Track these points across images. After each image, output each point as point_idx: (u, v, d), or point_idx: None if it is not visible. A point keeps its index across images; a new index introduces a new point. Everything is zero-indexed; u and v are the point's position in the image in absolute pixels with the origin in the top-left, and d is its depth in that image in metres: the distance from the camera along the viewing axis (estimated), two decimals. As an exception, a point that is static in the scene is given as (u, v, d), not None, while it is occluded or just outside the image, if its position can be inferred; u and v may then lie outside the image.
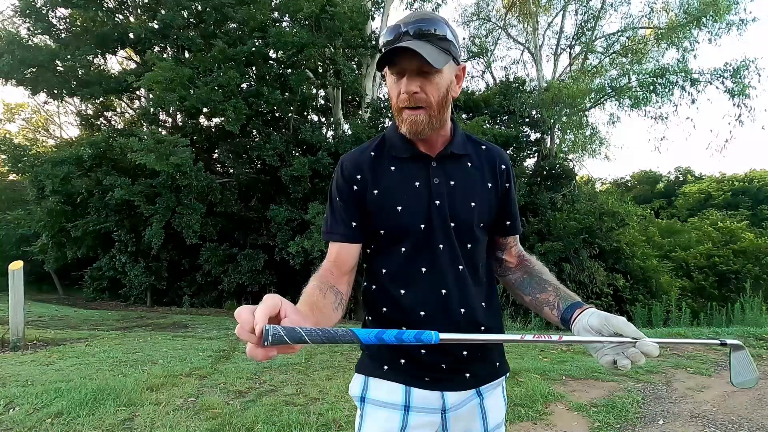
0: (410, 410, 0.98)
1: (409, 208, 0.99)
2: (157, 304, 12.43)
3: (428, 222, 0.98)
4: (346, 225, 1.03)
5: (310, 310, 0.83)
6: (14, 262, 5.03)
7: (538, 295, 1.00)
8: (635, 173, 37.34)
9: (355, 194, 1.02)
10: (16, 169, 13.69)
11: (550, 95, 12.60)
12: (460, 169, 1.03)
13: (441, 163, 1.02)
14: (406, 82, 0.90)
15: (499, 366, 1.06)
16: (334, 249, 1.03)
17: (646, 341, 0.76)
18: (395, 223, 0.99)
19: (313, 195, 11.19)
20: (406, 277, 0.99)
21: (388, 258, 1.01)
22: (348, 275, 1.02)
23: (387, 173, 1.02)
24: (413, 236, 0.98)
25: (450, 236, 0.99)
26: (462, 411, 1.01)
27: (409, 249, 0.99)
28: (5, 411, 2.79)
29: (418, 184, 1.00)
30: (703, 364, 4.10)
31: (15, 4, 12.38)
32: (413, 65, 0.89)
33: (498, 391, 1.07)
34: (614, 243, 12.98)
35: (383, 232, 1.01)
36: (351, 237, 1.02)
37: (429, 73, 0.90)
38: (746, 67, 12.00)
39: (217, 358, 4.46)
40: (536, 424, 2.81)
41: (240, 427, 2.63)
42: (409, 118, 0.93)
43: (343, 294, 0.99)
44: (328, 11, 10.57)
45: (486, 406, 1.03)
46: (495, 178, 1.05)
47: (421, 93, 0.91)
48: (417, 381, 0.98)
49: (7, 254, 14.99)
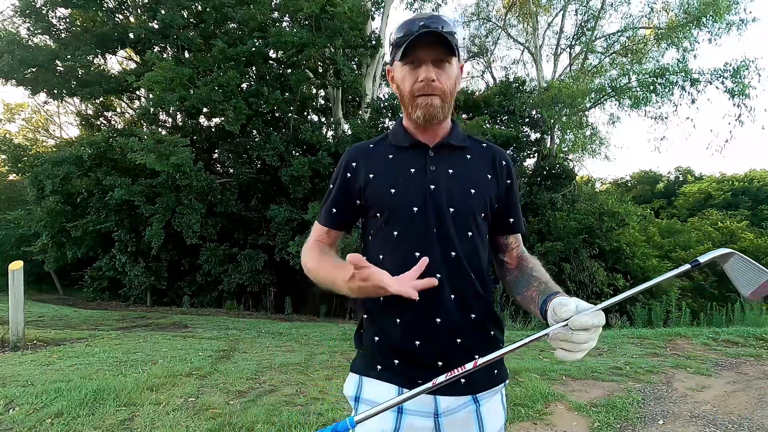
0: (403, 412, 0.98)
1: (403, 191, 1.01)
2: (157, 304, 12.42)
3: (422, 206, 0.99)
4: (327, 210, 1.11)
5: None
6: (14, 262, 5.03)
7: (525, 293, 1.00)
8: (635, 173, 37.38)
9: (346, 182, 1.08)
10: (16, 169, 13.68)
11: (550, 95, 12.59)
12: (459, 159, 1.05)
13: (439, 152, 1.04)
14: (425, 69, 0.96)
15: (497, 373, 1.04)
16: (318, 230, 1.13)
17: (577, 319, 0.72)
18: (388, 204, 1.01)
19: (313, 195, 11.18)
20: (401, 262, 0.98)
21: (384, 242, 1.03)
22: (333, 248, 1.13)
23: (384, 160, 1.06)
24: (406, 219, 1.00)
25: (446, 222, 0.99)
26: (456, 417, 0.99)
27: (401, 232, 1.00)
28: (5, 411, 2.79)
29: (414, 171, 1.03)
30: (703, 364, 4.11)
31: (15, 4, 12.37)
32: (431, 55, 0.96)
33: (496, 398, 1.04)
34: (614, 243, 12.97)
35: (379, 216, 1.03)
36: (329, 221, 1.10)
37: (443, 63, 0.97)
38: (746, 67, 11.98)
39: (217, 358, 4.47)
40: (536, 424, 2.81)
41: (240, 427, 2.63)
42: (425, 102, 0.98)
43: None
44: (328, 11, 10.56)
45: (483, 414, 1.00)
46: (495, 171, 1.06)
47: (436, 81, 0.97)
48: (410, 383, 0.97)
49: (7, 254, 15.01)
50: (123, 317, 9.21)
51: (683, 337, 5.22)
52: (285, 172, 10.95)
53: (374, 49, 12.81)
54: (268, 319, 10.01)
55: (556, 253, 11.34)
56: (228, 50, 10.81)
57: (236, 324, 8.11)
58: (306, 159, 10.91)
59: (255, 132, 12.83)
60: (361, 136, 10.88)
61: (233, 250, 11.73)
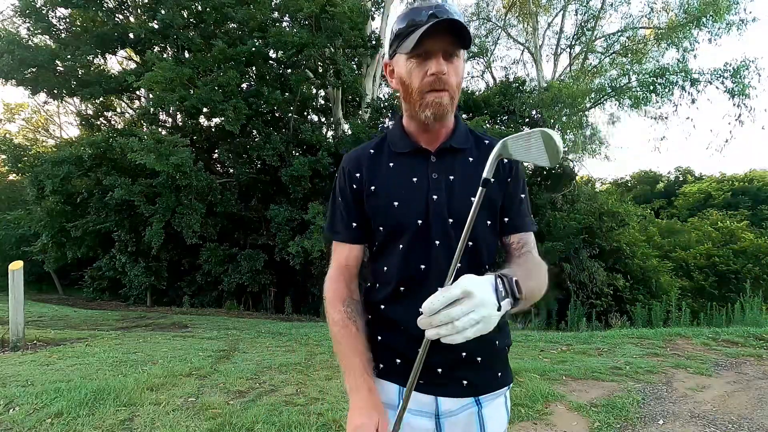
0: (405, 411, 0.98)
1: (407, 203, 0.97)
2: (157, 304, 12.42)
3: (426, 218, 0.96)
4: (346, 226, 1.04)
5: (371, 377, 0.94)
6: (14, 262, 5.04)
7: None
8: (635, 173, 37.39)
9: (355, 193, 1.03)
10: (16, 169, 13.66)
11: (550, 95, 12.59)
12: (461, 164, 1.00)
13: (441, 157, 1.00)
14: (436, 62, 0.89)
15: (501, 376, 1.02)
16: (340, 250, 1.05)
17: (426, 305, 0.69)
18: (393, 219, 0.98)
19: (313, 195, 11.18)
20: (406, 275, 0.97)
21: (389, 256, 1.00)
22: (355, 280, 1.05)
23: (385, 169, 1.02)
24: (410, 232, 0.97)
25: (448, 232, 0.95)
26: (458, 418, 0.98)
27: (406, 246, 0.97)
28: (5, 411, 2.78)
29: (416, 180, 0.98)
30: (703, 364, 4.10)
31: (15, 4, 12.36)
32: (442, 47, 0.89)
33: (499, 401, 1.02)
34: (614, 243, 12.98)
35: (382, 229, 1.00)
36: (352, 238, 1.04)
37: (453, 56, 0.91)
38: (746, 67, 11.97)
39: (217, 358, 4.46)
40: (536, 424, 2.81)
41: (240, 427, 2.63)
42: (435, 101, 0.91)
43: (359, 303, 1.04)
44: (328, 11, 10.56)
45: (485, 416, 0.99)
46: (498, 172, 1.00)
47: (447, 75, 0.90)
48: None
49: (7, 254, 15.00)
50: (123, 317, 9.21)
51: (683, 337, 5.22)
52: (285, 172, 10.94)
53: (374, 49, 12.80)
54: (268, 319, 10.01)
55: (556, 253, 11.34)
56: (228, 50, 10.80)
57: (236, 324, 8.11)
58: (306, 159, 10.91)
59: (255, 132, 12.82)
60: (361, 136, 10.87)
61: (233, 250, 11.73)
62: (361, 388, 0.91)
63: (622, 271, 13.02)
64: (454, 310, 0.67)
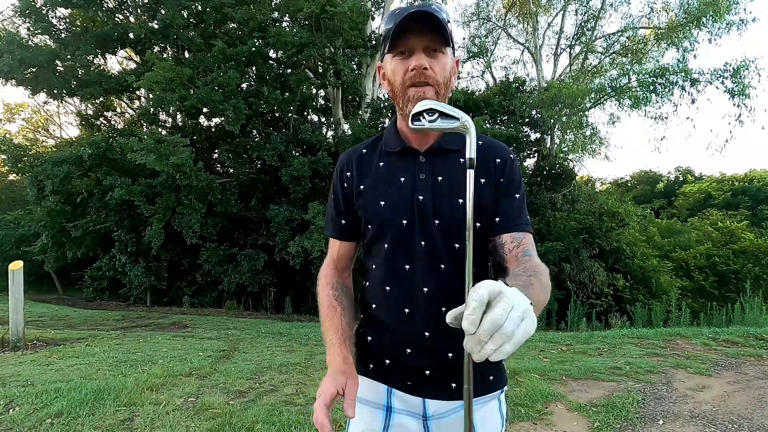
0: (392, 411, 0.98)
1: (392, 203, 0.97)
2: (157, 304, 12.42)
3: (411, 218, 0.95)
4: (335, 223, 1.08)
5: (348, 349, 0.95)
6: (14, 262, 5.03)
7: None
8: (635, 173, 37.41)
9: (346, 192, 1.05)
10: (16, 169, 13.67)
11: (550, 95, 12.59)
12: (450, 165, 0.97)
13: (430, 158, 0.98)
14: (417, 57, 0.91)
15: (493, 380, 0.98)
16: (332, 244, 1.11)
17: (465, 318, 0.56)
18: (378, 218, 0.98)
19: (313, 195, 11.18)
20: (392, 275, 0.98)
21: (377, 255, 1.01)
22: (347, 270, 1.11)
23: (375, 168, 1.03)
24: (395, 232, 0.97)
25: (432, 234, 0.94)
26: (447, 421, 0.96)
27: (390, 245, 0.97)
28: (5, 411, 2.78)
29: (404, 180, 0.98)
30: (703, 364, 4.10)
31: (15, 4, 12.37)
32: (422, 43, 0.91)
33: (492, 405, 0.98)
34: (614, 243, 12.98)
35: (370, 227, 1.01)
36: (340, 235, 1.08)
37: (437, 52, 0.92)
38: (746, 67, 11.98)
39: (217, 358, 4.47)
40: (536, 424, 2.81)
41: (240, 427, 2.63)
42: (417, 95, 0.91)
43: (349, 287, 1.10)
44: (328, 11, 10.55)
45: (475, 420, 0.94)
46: (489, 173, 0.97)
47: (429, 70, 0.91)
48: (399, 383, 0.97)
49: (7, 254, 15.00)
50: (123, 317, 9.21)
51: (683, 337, 5.22)
52: (285, 172, 10.94)
53: (374, 49, 12.80)
54: (268, 319, 10.01)
55: (556, 253, 11.34)
56: (228, 50, 10.81)
57: (236, 324, 8.11)
58: (306, 159, 10.91)
59: (255, 132, 12.83)
60: (361, 136, 10.87)
61: (233, 250, 11.73)
62: (335, 357, 0.92)
63: (622, 271, 13.02)
64: (497, 313, 0.55)
